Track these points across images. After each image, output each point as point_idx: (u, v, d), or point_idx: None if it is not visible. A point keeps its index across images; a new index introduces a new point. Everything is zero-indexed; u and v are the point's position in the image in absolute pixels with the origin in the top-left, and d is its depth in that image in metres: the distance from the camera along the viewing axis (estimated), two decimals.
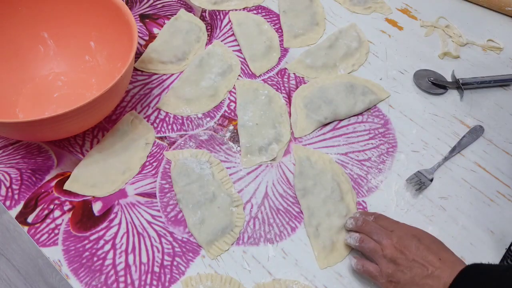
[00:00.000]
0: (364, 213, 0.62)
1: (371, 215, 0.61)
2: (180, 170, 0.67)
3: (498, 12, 0.92)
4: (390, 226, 0.58)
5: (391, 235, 0.56)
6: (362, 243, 0.58)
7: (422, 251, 0.54)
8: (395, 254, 0.54)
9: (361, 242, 0.58)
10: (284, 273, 0.60)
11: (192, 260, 0.61)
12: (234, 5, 0.90)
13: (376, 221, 0.59)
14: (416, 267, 0.53)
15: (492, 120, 0.76)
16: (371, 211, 0.65)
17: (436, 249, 0.54)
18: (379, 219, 0.60)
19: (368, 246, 0.57)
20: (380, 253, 0.56)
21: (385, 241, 0.56)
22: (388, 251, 0.55)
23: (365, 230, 0.59)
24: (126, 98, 0.76)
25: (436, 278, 0.51)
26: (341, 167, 0.69)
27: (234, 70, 0.80)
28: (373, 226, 0.58)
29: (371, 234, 0.58)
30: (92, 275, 0.59)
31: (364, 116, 0.75)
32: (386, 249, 0.55)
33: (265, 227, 0.64)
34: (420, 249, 0.54)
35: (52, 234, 0.62)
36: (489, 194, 0.68)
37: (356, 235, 0.59)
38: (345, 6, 0.92)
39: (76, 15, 0.75)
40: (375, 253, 0.56)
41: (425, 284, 0.52)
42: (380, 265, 0.55)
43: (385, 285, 0.55)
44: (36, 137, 0.67)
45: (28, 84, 0.75)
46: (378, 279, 0.55)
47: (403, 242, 0.55)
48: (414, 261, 0.53)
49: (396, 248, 0.55)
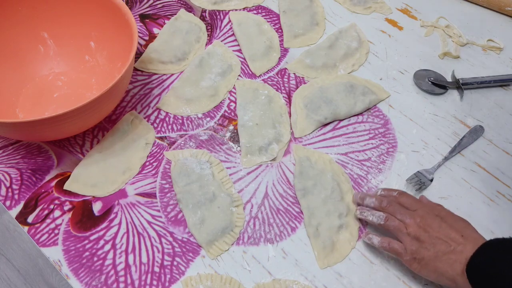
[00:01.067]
0: (387, 189, 0.63)
1: (394, 191, 0.62)
2: (180, 170, 0.67)
3: (498, 12, 0.92)
4: (414, 205, 0.60)
5: (414, 214, 0.58)
6: (387, 222, 0.59)
7: (444, 229, 0.56)
8: (419, 232, 0.56)
9: (386, 221, 0.59)
10: (284, 273, 0.60)
11: (192, 260, 0.61)
12: (234, 5, 0.90)
13: (399, 198, 0.61)
14: (440, 244, 0.55)
15: (492, 120, 0.76)
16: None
17: (459, 227, 0.56)
18: (402, 196, 0.61)
19: (393, 224, 0.58)
20: (404, 231, 0.57)
21: (408, 220, 0.58)
22: (412, 229, 0.57)
23: (389, 210, 0.60)
24: (126, 98, 0.76)
25: (459, 253, 0.53)
26: (340, 167, 0.69)
27: (234, 70, 0.80)
28: (396, 206, 0.60)
29: (395, 213, 0.59)
30: (92, 275, 0.59)
31: (364, 116, 0.75)
32: (410, 227, 0.57)
33: (265, 227, 0.64)
34: (442, 227, 0.56)
35: (52, 234, 0.62)
36: (489, 194, 0.68)
37: (380, 214, 0.60)
38: (345, 6, 0.92)
39: (76, 15, 0.75)
40: (400, 231, 0.58)
41: (448, 259, 0.54)
42: (404, 242, 0.57)
43: (409, 262, 0.56)
44: (36, 137, 0.67)
45: (28, 84, 0.76)
46: (403, 256, 0.57)
47: (426, 221, 0.57)
48: (438, 238, 0.55)
49: (419, 226, 0.57)
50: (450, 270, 0.53)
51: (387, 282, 0.60)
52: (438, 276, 0.55)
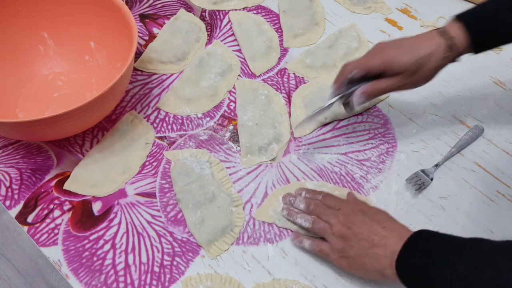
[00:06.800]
0: (312, 191, 0.64)
1: (319, 194, 0.63)
2: (180, 170, 0.67)
3: None
4: (337, 204, 0.60)
5: (338, 214, 0.58)
6: (314, 225, 0.60)
7: (367, 223, 0.56)
8: (343, 230, 0.57)
9: (313, 224, 0.60)
10: (284, 273, 0.60)
11: (192, 260, 0.61)
12: (234, 5, 0.90)
13: (324, 200, 0.62)
14: (362, 239, 0.55)
15: (492, 120, 0.76)
16: None
17: (381, 219, 0.57)
18: (326, 198, 0.62)
19: (318, 227, 0.59)
20: (329, 231, 0.58)
21: (333, 220, 0.58)
22: (336, 229, 0.57)
23: (315, 212, 0.61)
24: (126, 98, 0.76)
25: (383, 246, 0.54)
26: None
27: (234, 70, 0.80)
28: (321, 207, 0.60)
29: (320, 215, 0.60)
30: (92, 275, 0.59)
31: (364, 116, 0.75)
32: (334, 227, 0.57)
33: (265, 227, 0.64)
34: (365, 221, 0.56)
35: (52, 234, 0.62)
36: (489, 194, 0.68)
37: (308, 217, 0.61)
38: (345, 6, 0.92)
39: (76, 15, 0.75)
40: (325, 232, 0.58)
41: (373, 253, 0.54)
42: (330, 242, 0.58)
43: (338, 261, 0.57)
44: (36, 137, 0.67)
45: (28, 84, 0.76)
46: (331, 256, 0.58)
47: (349, 218, 0.57)
48: (360, 233, 0.55)
49: (343, 224, 0.57)
50: (377, 264, 0.53)
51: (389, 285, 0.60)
52: (367, 272, 0.55)
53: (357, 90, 0.62)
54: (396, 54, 0.60)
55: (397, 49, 0.60)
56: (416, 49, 0.59)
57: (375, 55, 0.61)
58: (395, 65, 0.59)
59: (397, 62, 0.59)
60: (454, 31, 0.60)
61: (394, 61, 0.59)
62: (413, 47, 0.60)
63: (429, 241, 0.51)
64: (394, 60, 0.59)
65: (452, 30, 0.60)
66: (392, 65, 0.59)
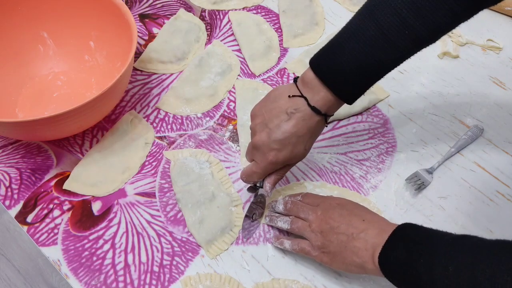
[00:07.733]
0: (293, 194, 0.63)
1: (298, 195, 0.62)
2: (179, 169, 0.67)
3: (497, 12, 0.92)
4: (316, 201, 0.59)
5: (316, 209, 0.58)
6: (292, 225, 0.59)
7: (345, 217, 0.55)
8: (322, 225, 0.56)
9: (292, 224, 0.59)
10: (283, 272, 0.60)
11: (192, 260, 0.61)
12: (233, 4, 0.90)
13: (304, 199, 0.61)
14: (341, 234, 0.54)
15: (492, 120, 0.76)
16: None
17: (360, 213, 0.56)
18: (305, 197, 0.61)
19: (297, 226, 0.58)
20: (308, 229, 0.57)
21: (311, 217, 0.57)
22: (315, 225, 0.56)
23: (293, 211, 0.60)
24: (125, 97, 0.76)
25: (363, 240, 0.52)
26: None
27: (233, 69, 0.80)
28: (299, 205, 0.60)
29: (298, 213, 0.59)
30: (92, 274, 0.59)
31: (363, 116, 0.75)
32: (313, 223, 0.56)
33: (265, 227, 0.64)
34: (343, 215, 0.55)
35: (52, 233, 0.62)
36: (488, 194, 0.68)
37: (286, 218, 0.60)
38: (345, 6, 0.92)
39: (76, 15, 0.75)
40: (304, 230, 0.57)
41: (353, 248, 0.53)
42: (310, 240, 0.56)
43: (319, 258, 0.56)
44: (36, 136, 0.67)
45: (28, 83, 0.76)
46: (312, 253, 0.56)
47: (327, 213, 0.56)
48: (338, 227, 0.54)
49: (321, 220, 0.56)
50: (357, 258, 0.52)
51: (387, 281, 0.59)
52: (348, 266, 0.54)
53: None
54: (278, 152, 0.56)
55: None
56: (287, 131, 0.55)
57: (263, 162, 0.57)
58: (280, 162, 0.57)
59: (281, 160, 0.57)
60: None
61: (277, 162, 0.57)
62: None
63: (416, 234, 0.50)
64: (277, 160, 0.56)
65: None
66: (278, 163, 0.57)
